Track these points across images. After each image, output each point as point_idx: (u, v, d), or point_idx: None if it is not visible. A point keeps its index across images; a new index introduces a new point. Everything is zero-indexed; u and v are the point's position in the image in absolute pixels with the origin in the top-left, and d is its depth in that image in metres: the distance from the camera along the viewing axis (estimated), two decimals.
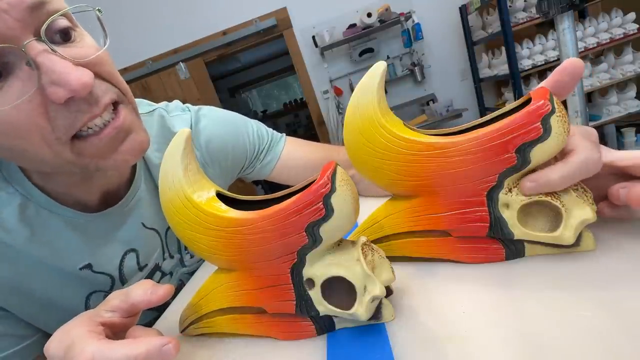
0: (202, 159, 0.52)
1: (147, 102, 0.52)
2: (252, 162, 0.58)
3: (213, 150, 0.53)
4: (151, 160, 0.48)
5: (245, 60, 4.25)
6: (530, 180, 0.24)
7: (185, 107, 0.54)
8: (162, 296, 0.25)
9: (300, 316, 0.27)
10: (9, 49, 0.26)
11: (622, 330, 0.19)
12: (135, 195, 0.45)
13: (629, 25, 1.94)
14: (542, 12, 0.93)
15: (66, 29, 0.31)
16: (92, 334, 0.23)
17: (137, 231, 0.45)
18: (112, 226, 0.42)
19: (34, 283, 0.37)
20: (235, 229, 0.25)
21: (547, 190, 0.24)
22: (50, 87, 0.28)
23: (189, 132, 0.28)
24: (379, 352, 0.23)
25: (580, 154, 0.23)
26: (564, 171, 0.23)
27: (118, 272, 0.43)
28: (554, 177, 0.23)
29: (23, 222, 0.36)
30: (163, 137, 0.49)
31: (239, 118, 0.58)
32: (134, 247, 0.44)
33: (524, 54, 2.05)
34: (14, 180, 0.36)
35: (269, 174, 0.60)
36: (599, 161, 0.24)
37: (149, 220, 0.46)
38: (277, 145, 0.59)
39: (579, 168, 0.23)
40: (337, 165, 0.24)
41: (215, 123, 0.54)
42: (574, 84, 0.25)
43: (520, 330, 0.21)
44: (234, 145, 0.55)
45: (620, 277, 0.22)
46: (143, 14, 2.57)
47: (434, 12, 2.47)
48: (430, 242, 0.30)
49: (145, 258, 0.45)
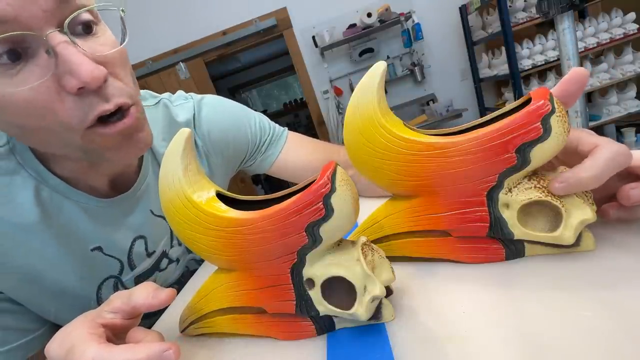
0: (205, 147, 0.53)
1: (150, 94, 0.53)
2: (253, 154, 0.59)
3: (215, 139, 0.54)
4: (157, 150, 0.49)
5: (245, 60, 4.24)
6: (560, 181, 0.23)
7: (188, 96, 0.55)
8: (163, 300, 0.26)
9: (300, 316, 0.27)
10: (32, 36, 0.28)
11: (622, 330, 0.19)
12: (144, 184, 0.46)
13: (629, 25, 1.94)
14: (542, 12, 0.93)
15: (89, 22, 0.32)
16: (92, 336, 0.23)
17: (146, 218, 0.46)
18: (122, 213, 0.44)
19: (46, 271, 0.38)
20: (235, 229, 0.25)
21: (579, 190, 0.23)
22: (65, 76, 0.29)
23: (189, 132, 0.28)
24: (379, 352, 0.23)
25: (607, 149, 0.22)
26: (595, 168, 0.22)
27: (127, 257, 0.44)
28: (584, 176, 0.22)
29: (38, 205, 0.37)
30: (168, 127, 0.50)
31: (241, 108, 0.59)
32: (142, 234, 0.45)
33: (524, 54, 2.05)
34: (27, 164, 0.37)
35: (269, 167, 0.60)
36: (629, 152, 0.23)
37: (157, 208, 0.47)
38: (279, 140, 0.60)
39: (609, 163, 0.22)
40: (337, 165, 0.24)
41: (218, 112, 0.55)
42: (580, 92, 0.25)
43: (520, 330, 0.21)
44: (235, 134, 0.56)
45: (620, 277, 0.22)
46: (143, 14, 2.57)
47: (434, 12, 2.47)
48: (430, 242, 0.30)
49: (154, 245, 0.47)
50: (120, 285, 0.45)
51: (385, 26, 2.36)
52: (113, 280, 0.43)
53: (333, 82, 2.63)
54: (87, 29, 0.32)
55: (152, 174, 0.48)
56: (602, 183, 0.23)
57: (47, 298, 0.38)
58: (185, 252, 0.52)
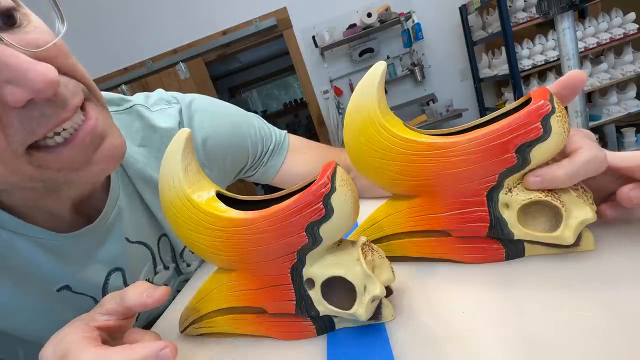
0: (197, 158, 0.47)
1: (119, 97, 0.44)
2: (254, 165, 0.54)
3: (210, 149, 0.47)
4: (129, 163, 0.41)
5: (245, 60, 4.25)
6: (535, 175, 0.24)
7: (172, 98, 0.47)
8: (157, 299, 0.25)
9: (300, 316, 0.27)
10: None
11: (622, 330, 0.19)
12: (114, 208, 0.39)
13: (629, 25, 1.94)
14: (542, 12, 0.93)
15: (9, 10, 0.24)
16: (87, 339, 0.22)
17: (121, 248, 0.39)
18: (90, 246, 0.37)
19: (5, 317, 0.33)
20: (235, 229, 0.25)
21: (552, 187, 0.24)
22: (5, 87, 0.22)
23: (189, 132, 0.27)
24: (379, 352, 0.23)
25: (586, 152, 0.23)
26: (570, 168, 0.23)
27: (102, 294, 0.38)
28: (559, 174, 0.23)
29: None
30: (145, 133, 0.43)
31: (238, 112, 0.53)
32: (119, 266, 0.39)
33: (524, 54, 2.05)
34: None
35: (272, 178, 0.56)
36: (605, 160, 0.23)
37: (133, 234, 0.41)
38: (281, 149, 0.55)
39: (585, 166, 0.23)
40: (337, 165, 0.24)
41: (214, 118, 0.48)
42: (573, 97, 0.25)
43: (520, 330, 0.21)
44: (235, 145, 0.50)
45: (620, 277, 0.22)
46: (143, 14, 2.57)
47: (434, 12, 2.47)
48: (430, 242, 0.30)
49: (133, 275, 0.41)
50: None
51: (385, 26, 2.36)
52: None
53: (333, 82, 2.63)
54: (9, 19, 0.24)
55: (122, 194, 0.40)
56: (574, 183, 0.24)
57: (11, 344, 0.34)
58: (175, 274, 0.46)
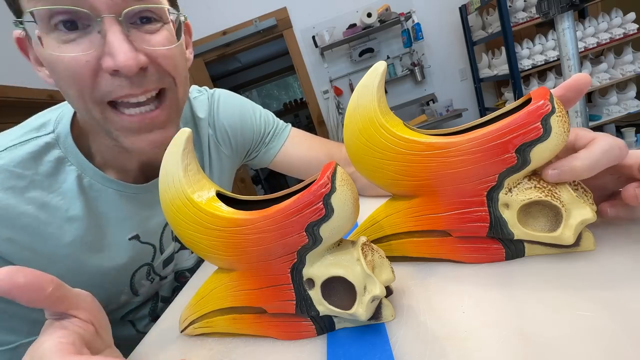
0: (215, 138, 0.57)
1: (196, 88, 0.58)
2: (257, 145, 0.62)
3: (227, 130, 0.58)
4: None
5: (245, 60, 4.25)
6: (553, 168, 0.23)
7: (203, 89, 0.60)
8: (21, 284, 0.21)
9: (300, 316, 0.27)
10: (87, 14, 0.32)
11: (622, 330, 0.19)
12: None
13: (629, 25, 1.94)
14: (542, 12, 0.93)
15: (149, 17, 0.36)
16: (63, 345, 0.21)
17: None
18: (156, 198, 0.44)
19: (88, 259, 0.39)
20: (235, 229, 0.25)
21: (571, 179, 0.23)
22: (105, 57, 0.33)
23: (189, 132, 0.28)
24: (379, 352, 0.23)
25: (602, 142, 0.23)
26: (590, 158, 0.22)
27: (159, 242, 0.47)
28: (578, 164, 0.22)
29: (81, 194, 0.39)
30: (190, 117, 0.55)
31: (247, 101, 0.63)
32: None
33: (524, 54, 2.05)
34: (70, 155, 0.40)
35: (272, 159, 0.63)
36: (625, 146, 0.23)
37: None
38: (282, 133, 0.63)
39: (605, 154, 0.22)
40: (337, 165, 0.24)
41: (229, 104, 0.59)
42: (578, 99, 0.25)
43: (520, 330, 0.21)
44: (243, 125, 0.60)
45: (620, 277, 0.22)
46: None
47: (434, 12, 2.47)
48: (430, 242, 0.30)
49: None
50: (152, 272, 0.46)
51: (385, 26, 2.36)
52: (146, 267, 0.45)
53: (333, 82, 2.63)
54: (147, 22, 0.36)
55: None
56: (595, 174, 0.23)
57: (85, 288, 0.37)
58: None
